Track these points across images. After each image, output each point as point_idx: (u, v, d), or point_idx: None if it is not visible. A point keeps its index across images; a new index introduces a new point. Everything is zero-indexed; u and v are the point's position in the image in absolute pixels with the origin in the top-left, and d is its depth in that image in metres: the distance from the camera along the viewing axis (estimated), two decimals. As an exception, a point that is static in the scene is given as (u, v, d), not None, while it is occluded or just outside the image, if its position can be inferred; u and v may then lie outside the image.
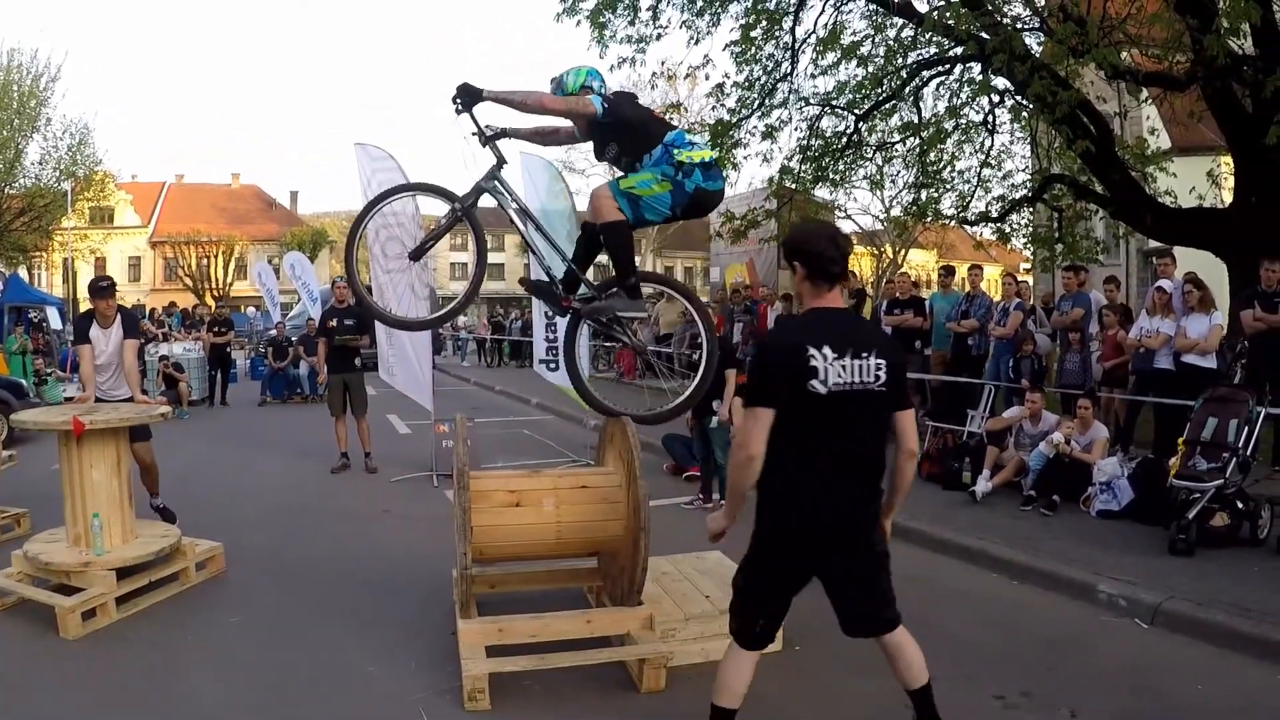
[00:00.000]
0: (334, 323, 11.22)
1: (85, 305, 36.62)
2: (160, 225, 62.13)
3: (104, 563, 6.14)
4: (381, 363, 11.26)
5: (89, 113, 48.26)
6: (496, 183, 5.40)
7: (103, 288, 7.92)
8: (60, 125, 32.14)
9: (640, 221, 5.24)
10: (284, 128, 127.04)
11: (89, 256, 49.37)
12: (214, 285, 58.93)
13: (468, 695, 4.69)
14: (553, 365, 11.50)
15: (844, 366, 3.54)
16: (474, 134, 5.18)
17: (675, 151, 5.16)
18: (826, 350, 3.53)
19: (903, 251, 42.80)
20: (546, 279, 5.69)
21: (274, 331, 22.07)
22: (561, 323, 11.16)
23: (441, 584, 6.37)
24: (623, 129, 5.21)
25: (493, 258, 71.26)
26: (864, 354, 3.58)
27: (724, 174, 5.54)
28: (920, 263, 46.24)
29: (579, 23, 14.36)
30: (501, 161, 5.37)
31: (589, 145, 5.35)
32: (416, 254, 5.91)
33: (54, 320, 25.72)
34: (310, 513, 9.23)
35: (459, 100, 5.03)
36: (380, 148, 10.78)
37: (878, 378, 3.58)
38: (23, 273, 38.08)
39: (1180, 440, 7.90)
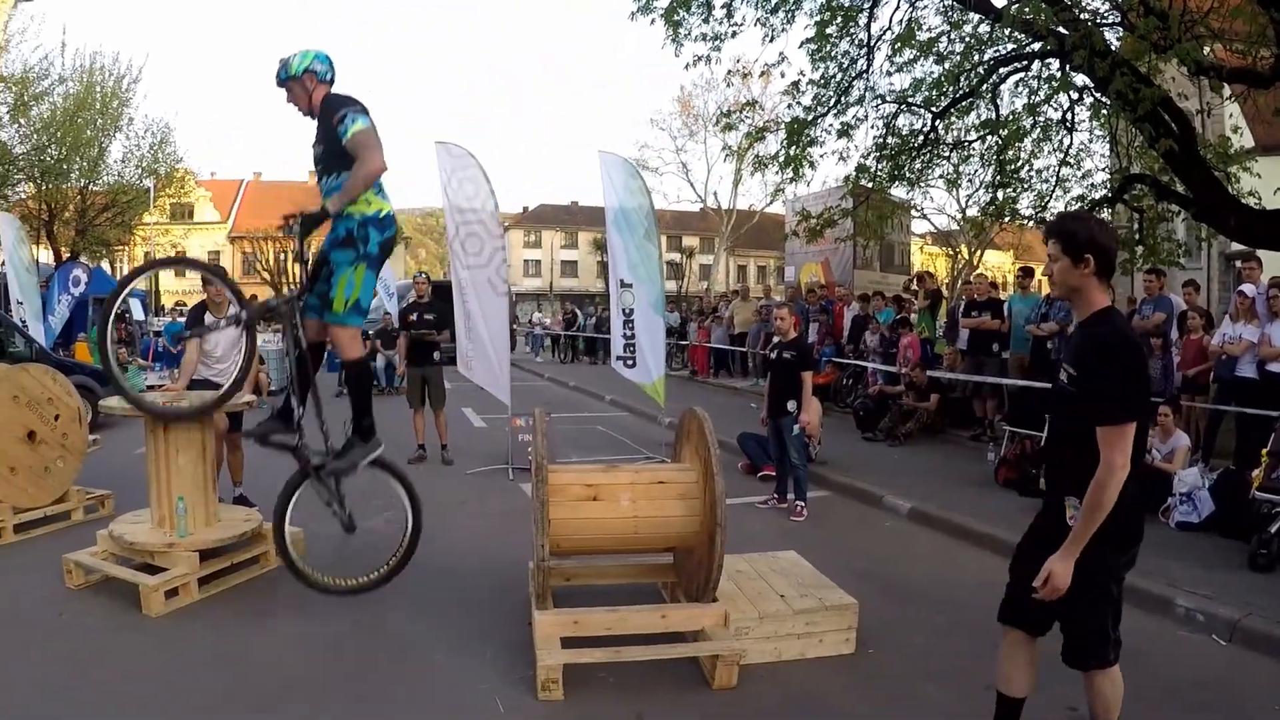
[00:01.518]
0: (413, 317, 11.46)
1: (167, 297, 37.66)
2: (239, 221, 63.59)
3: (187, 544, 6.31)
4: (460, 357, 11.42)
5: (170, 112, 49.36)
6: (290, 306, 5.42)
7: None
8: (142, 124, 32.93)
9: (366, 308, 5.47)
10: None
11: (169, 251, 50.45)
12: (290, 280, 59.92)
13: (541, 685, 4.76)
14: (629, 362, 11.60)
15: None
16: (295, 253, 5.31)
17: (364, 193, 5.24)
18: None
19: (978, 252, 42.34)
20: (283, 409, 5.67)
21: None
22: (642, 320, 11.28)
23: (515, 576, 6.45)
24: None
25: (565, 255, 71.95)
26: None
27: (393, 232, 5.54)
28: (995, 264, 45.86)
29: (653, 21, 14.39)
30: (305, 288, 5.44)
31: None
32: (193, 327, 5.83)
33: (136, 311, 26.38)
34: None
35: (297, 228, 5.06)
36: (460, 146, 10.94)
37: None
38: (105, 266, 39.14)
39: (1264, 451, 7.75)
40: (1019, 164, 14.94)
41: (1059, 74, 13.05)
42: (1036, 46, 12.85)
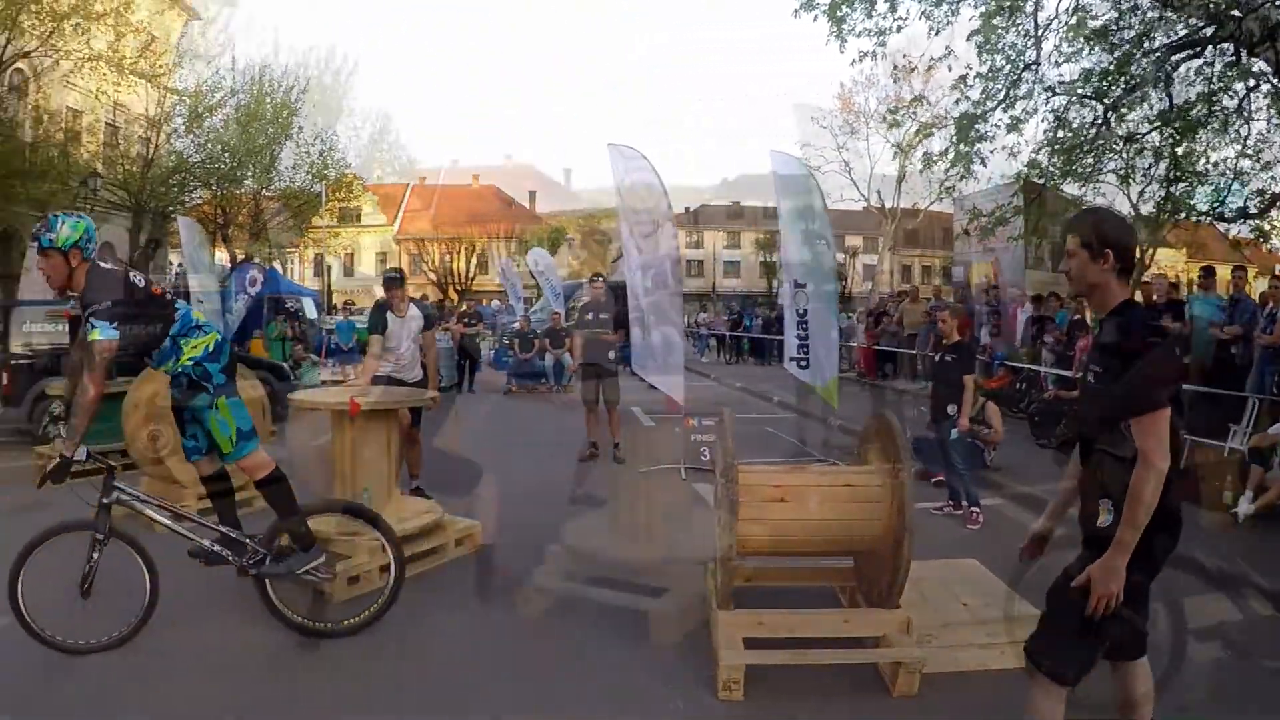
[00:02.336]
0: (589, 317, 11.79)
1: (337, 296, 39.32)
2: (404, 224, 65.98)
3: (371, 534, 6.51)
4: (633, 356, 11.66)
5: (334, 121, 50.60)
6: (117, 491, 5.37)
7: (393, 279, 8.81)
8: (311, 133, 34.34)
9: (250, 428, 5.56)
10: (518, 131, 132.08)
11: (340, 252, 52.68)
12: (456, 279, 61.66)
13: (722, 685, 4.82)
14: (803, 363, 11.64)
15: None
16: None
17: (183, 343, 5.29)
18: None
19: (1150, 251, 40.69)
20: (224, 538, 5.61)
21: (518, 324, 23.10)
22: (815, 321, 11.29)
23: (687, 575, 6.41)
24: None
25: (728, 255, 72.12)
26: None
27: (227, 350, 5.59)
28: (1167, 263, 43.97)
29: (816, 17, 14.37)
30: (110, 470, 5.39)
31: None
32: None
33: (309, 310, 27.55)
34: (558, 498, 9.51)
35: (53, 479, 5.07)
36: (632, 147, 11.14)
37: None
38: (278, 266, 40.97)
39: None
40: (1195, 157, 14.40)
41: (1235, 60, 12.53)
42: (1210, 31, 12.35)
